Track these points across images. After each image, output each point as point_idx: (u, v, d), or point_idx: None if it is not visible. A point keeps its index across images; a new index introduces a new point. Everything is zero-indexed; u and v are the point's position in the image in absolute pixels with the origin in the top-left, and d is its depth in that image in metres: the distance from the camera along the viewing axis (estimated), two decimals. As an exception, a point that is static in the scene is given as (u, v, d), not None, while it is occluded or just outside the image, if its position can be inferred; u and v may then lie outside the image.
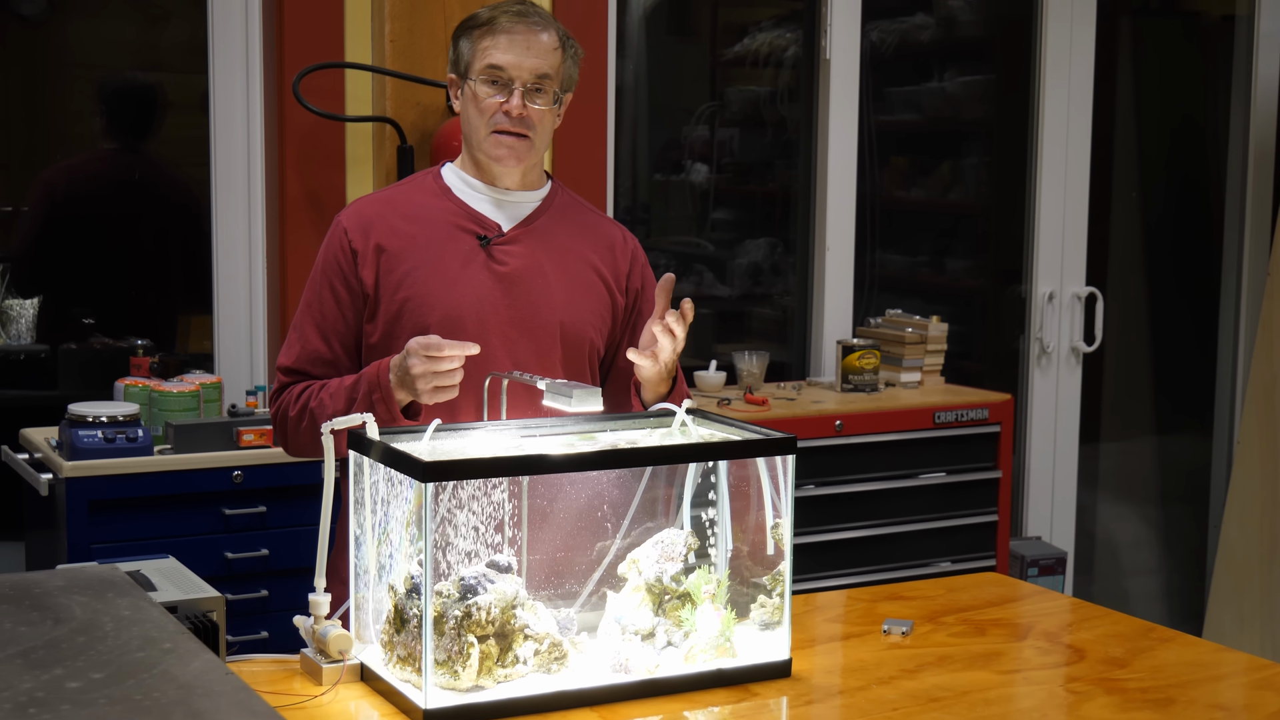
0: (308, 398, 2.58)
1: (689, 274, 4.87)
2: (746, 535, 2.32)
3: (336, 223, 2.65)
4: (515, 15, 2.59)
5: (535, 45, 2.58)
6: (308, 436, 2.58)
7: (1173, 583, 5.66)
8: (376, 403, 2.44)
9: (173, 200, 4.37)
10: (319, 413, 2.54)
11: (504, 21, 2.58)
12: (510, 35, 2.57)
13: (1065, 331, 5.13)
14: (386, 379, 2.45)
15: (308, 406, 2.57)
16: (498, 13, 2.59)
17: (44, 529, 3.59)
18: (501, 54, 2.57)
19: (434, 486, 2.03)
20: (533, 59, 2.57)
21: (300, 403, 2.59)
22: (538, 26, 2.60)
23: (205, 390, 3.72)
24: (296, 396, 2.60)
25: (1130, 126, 5.43)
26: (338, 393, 2.53)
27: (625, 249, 2.77)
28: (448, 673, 2.05)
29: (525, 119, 2.59)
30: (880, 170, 4.93)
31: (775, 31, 4.89)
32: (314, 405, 2.56)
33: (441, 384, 2.38)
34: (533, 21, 2.59)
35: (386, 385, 2.45)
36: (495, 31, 2.58)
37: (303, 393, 2.59)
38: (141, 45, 4.34)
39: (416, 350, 2.38)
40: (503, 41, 2.57)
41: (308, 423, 2.57)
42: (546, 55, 2.59)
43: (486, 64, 2.57)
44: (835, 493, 4.22)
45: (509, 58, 2.57)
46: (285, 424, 2.63)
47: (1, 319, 4.11)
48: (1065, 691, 2.26)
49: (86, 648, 1.57)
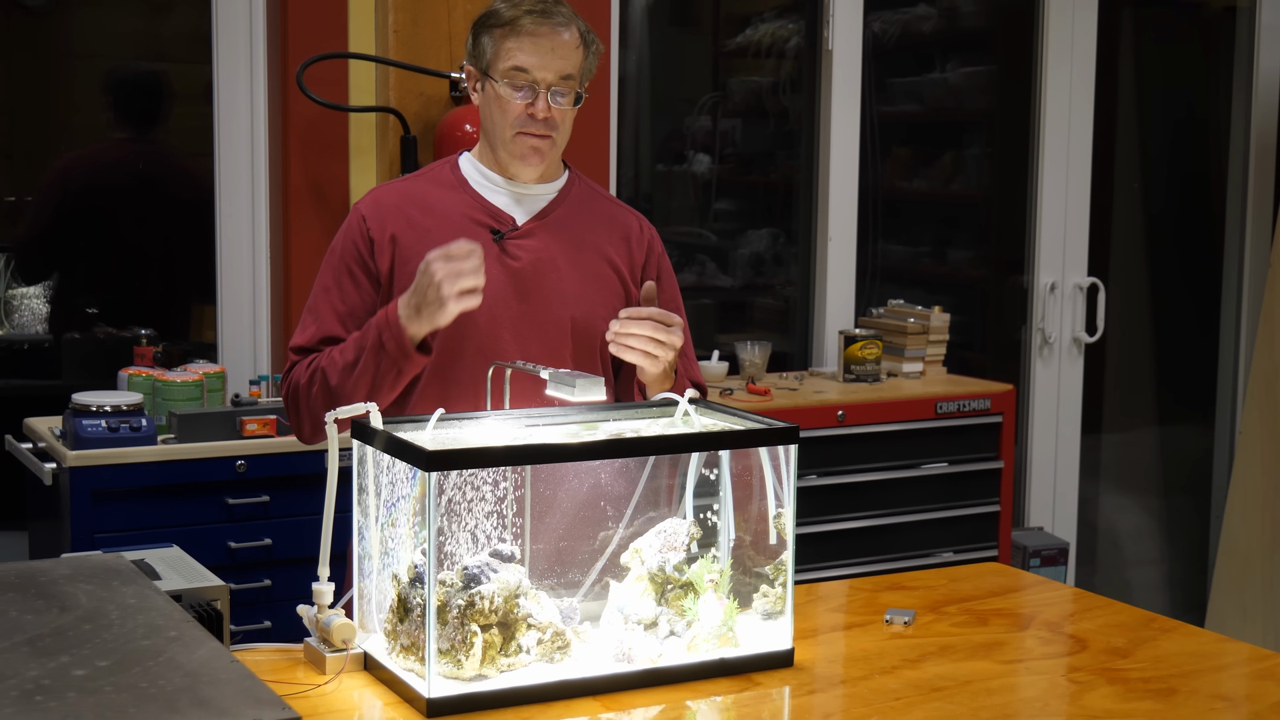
0: (318, 360, 2.57)
1: (691, 264, 4.88)
2: (749, 525, 2.32)
3: (355, 209, 2.66)
4: (539, 16, 2.56)
5: (559, 47, 2.56)
6: (320, 400, 2.55)
7: (1175, 573, 5.67)
8: (387, 341, 2.45)
9: (182, 189, 4.37)
10: (330, 370, 2.53)
11: (528, 24, 2.55)
12: (535, 38, 2.55)
13: (1067, 322, 5.14)
14: (395, 316, 2.45)
15: (319, 367, 2.55)
16: (520, 12, 2.56)
17: (48, 518, 3.60)
18: (526, 56, 2.55)
19: (437, 475, 2.03)
20: (557, 61, 2.56)
21: (311, 368, 2.57)
22: (561, 26, 2.57)
23: (209, 380, 3.72)
24: (308, 365, 2.59)
25: (1132, 117, 5.43)
26: (346, 346, 2.53)
27: (641, 239, 2.76)
28: (451, 662, 2.05)
29: (549, 120, 2.59)
30: (882, 161, 4.93)
31: (777, 22, 4.89)
32: (324, 364, 2.55)
33: (466, 285, 2.37)
34: (556, 22, 2.57)
35: (396, 321, 2.45)
36: (519, 33, 2.55)
37: (313, 362, 2.58)
38: (145, 35, 4.34)
39: (434, 257, 2.39)
40: (527, 44, 2.55)
41: (319, 386, 2.55)
42: (570, 55, 2.58)
43: (510, 65, 2.56)
44: (837, 483, 4.22)
45: (534, 60, 2.55)
46: (297, 396, 2.60)
47: (5, 308, 4.12)
48: (1067, 681, 2.27)
49: (92, 635, 1.58)
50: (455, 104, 3.92)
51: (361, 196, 2.72)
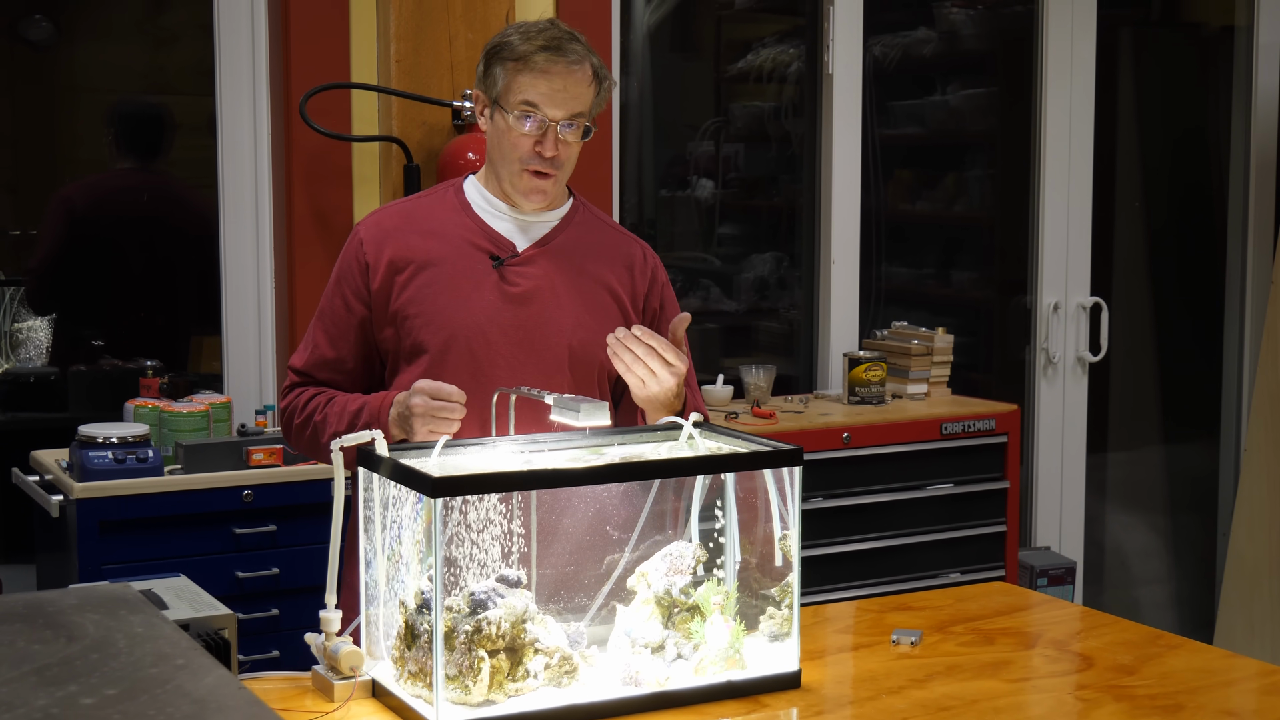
0: (313, 409, 2.64)
1: (696, 289, 4.89)
2: (755, 547, 2.33)
3: (355, 232, 2.68)
4: (553, 53, 2.54)
5: (571, 85, 2.56)
6: (309, 446, 2.67)
7: (1182, 591, 5.66)
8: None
9: (186, 221, 4.39)
10: (322, 428, 2.61)
11: (541, 61, 2.54)
12: (548, 76, 2.54)
13: (1071, 342, 5.14)
14: (386, 415, 2.51)
15: (312, 419, 2.64)
16: (534, 48, 2.55)
17: (55, 550, 3.60)
18: (538, 94, 2.54)
19: (443, 502, 2.04)
20: (569, 100, 2.56)
21: (306, 412, 2.65)
22: (575, 65, 2.56)
23: (215, 410, 3.73)
24: (304, 404, 2.66)
25: (1132, 137, 5.45)
26: (342, 415, 2.59)
27: (645, 268, 2.76)
28: (459, 688, 2.06)
29: (555, 159, 2.59)
30: (885, 183, 4.94)
31: (778, 47, 4.91)
32: (318, 419, 2.63)
33: (437, 428, 2.40)
34: (570, 60, 2.55)
35: (384, 421, 2.50)
36: (532, 70, 2.54)
37: (310, 401, 2.65)
38: (149, 68, 4.37)
39: (423, 389, 2.42)
40: (540, 82, 2.54)
41: (310, 433, 2.65)
42: (581, 94, 2.57)
43: (522, 99, 2.55)
44: (843, 505, 4.22)
45: (545, 98, 2.55)
46: (290, 426, 2.70)
47: (11, 341, 4.13)
48: (1074, 699, 2.27)
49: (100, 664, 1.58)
50: (458, 132, 3.94)
51: (364, 217, 2.73)
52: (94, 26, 4.39)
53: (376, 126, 3.98)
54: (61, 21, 4.30)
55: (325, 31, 3.92)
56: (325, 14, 3.92)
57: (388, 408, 2.51)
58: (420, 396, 2.41)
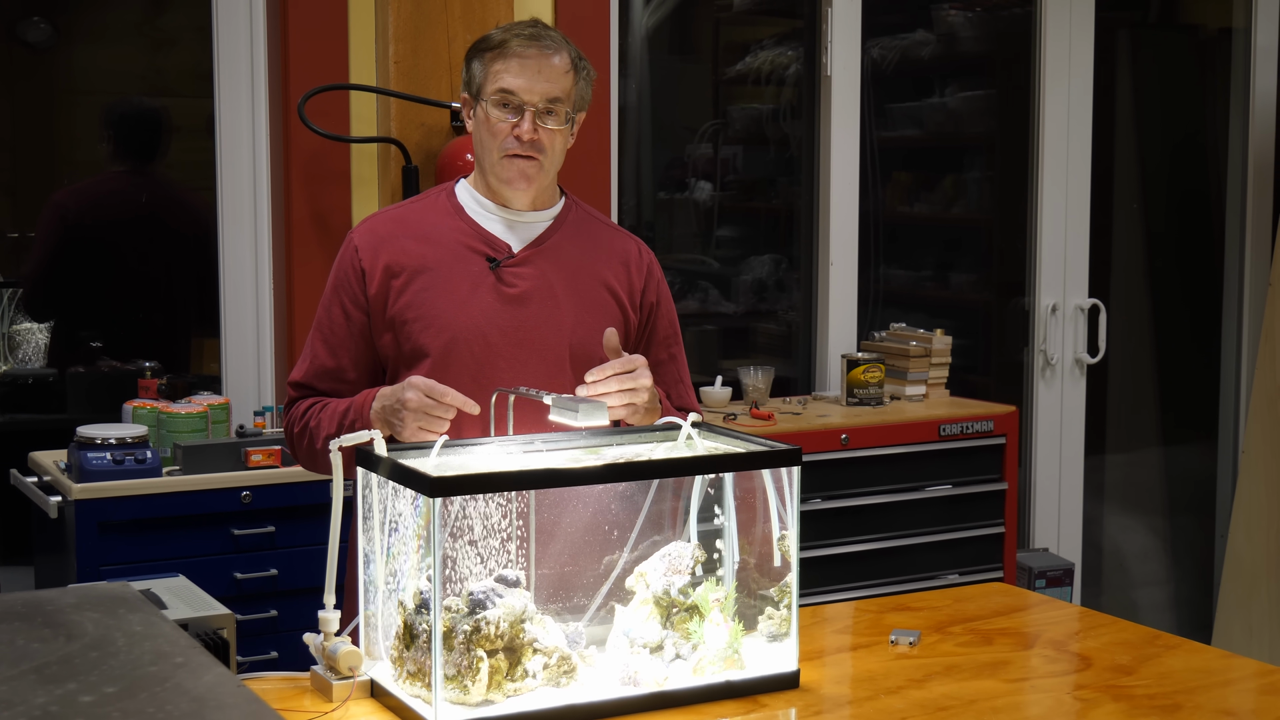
0: (309, 417, 2.64)
1: (694, 291, 4.89)
2: (753, 547, 2.33)
3: (349, 239, 2.68)
4: (527, 39, 2.59)
5: (547, 69, 2.59)
6: (308, 455, 2.65)
7: (1181, 593, 5.66)
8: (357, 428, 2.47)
9: (184, 223, 4.39)
10: (316, 433, 2.60)
11: (515, 45, 2.58)
12: (522, 60, 2.58)
13: (1069, 343, 5.14)
14: (367, 410, 2.49)
15: (308, 426, 2.63)
16: (510, 36, 2.60)
17: (53, 551, 3.60)
18: (513, 78, 2.57)
19: (442, 501, 2.04)
20: (544, 83, 2.58)
21: (303, 421, 2.65)
22: (550, 50, 2.60)
23: (213, 411, 3.73)
24: (302, 414, 2.66)
25: (1130, 138, 5.45)
26: (332, 418, 2.59)
27: (640, 264, 2.77)
28: (457, 687, 2.06)
29: (536, 142, 2.60)
30: (883, 185, 4.94)
31: (777, 49, 4.91)
32: (313, 425, 2.62)
33: (428, 426, 2.39)
34: (545, 45, 2.59)
35: (367, 414, 2.49)
36: (507, 55, 2.58)
37: (308, 410, 2.64)
38: (147, 71, 4.37)
39: (418, 385, 2.41)
40: (514, 66, 2.58)
41: (308, 441, 2.64)
42: (558, 79, 2.60)
43: (498, 87, 2.58)
44: (842, 506, 4.23)
45: (520, 82, 2.57)
46: (291, 439, 2.69)
47: (10, 343, 4.13)
48: (1072, 699, 2.27)
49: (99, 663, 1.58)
50: (456, 134, 3.94)
51: (357, 224, 2.73)
52: (92, 28, 4.39)
53: (375, 128, 3.98)
54: (60, 23, 4.30)
55: (324, 33, 3.92)
56: (324, 15, 3.92)
57: (370, 401, 2.50)
58: (415, 392, 2.40)
